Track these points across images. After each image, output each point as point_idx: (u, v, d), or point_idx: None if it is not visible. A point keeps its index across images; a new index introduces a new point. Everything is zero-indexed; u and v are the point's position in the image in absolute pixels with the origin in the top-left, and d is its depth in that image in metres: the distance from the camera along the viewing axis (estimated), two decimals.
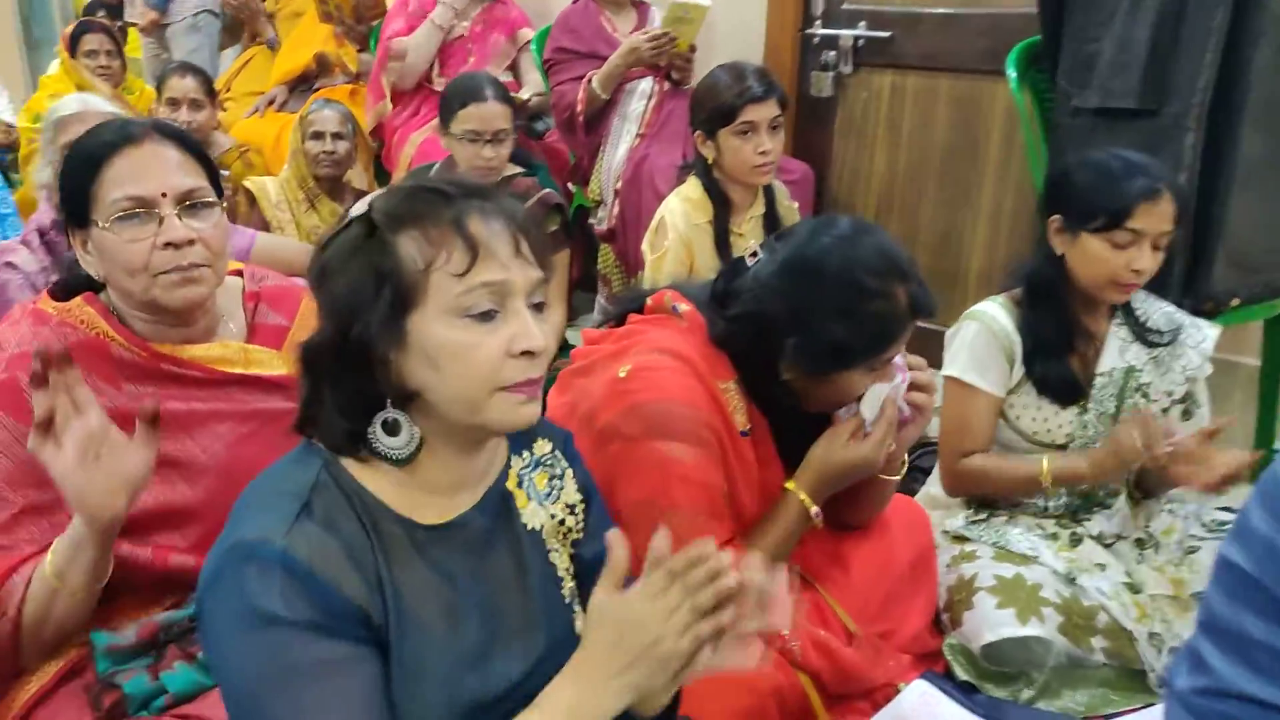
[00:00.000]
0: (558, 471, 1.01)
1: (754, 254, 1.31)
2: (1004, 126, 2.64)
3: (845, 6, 2.87)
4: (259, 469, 0.89)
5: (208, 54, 3.92)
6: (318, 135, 2.74)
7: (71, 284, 1.23)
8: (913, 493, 1.79)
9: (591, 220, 2.94)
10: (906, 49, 2.79)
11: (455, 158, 2.42)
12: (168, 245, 1.15)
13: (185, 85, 2.99)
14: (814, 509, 1.32)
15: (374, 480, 0.87)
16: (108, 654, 1.12)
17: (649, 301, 1.41)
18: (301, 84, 3.57)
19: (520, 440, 0.99)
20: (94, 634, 1.13)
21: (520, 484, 0.97)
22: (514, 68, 3.30)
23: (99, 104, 1.90)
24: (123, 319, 1.21)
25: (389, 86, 3.22)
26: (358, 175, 2.95)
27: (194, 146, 1.22)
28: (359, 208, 0.85)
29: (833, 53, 2.88)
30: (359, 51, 3.60)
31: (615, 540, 0.85)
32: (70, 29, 3.64)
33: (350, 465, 0.87)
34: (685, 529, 1.11)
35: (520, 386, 0.84)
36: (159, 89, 3.11)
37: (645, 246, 2.25)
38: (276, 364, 1.28)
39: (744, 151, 2.07)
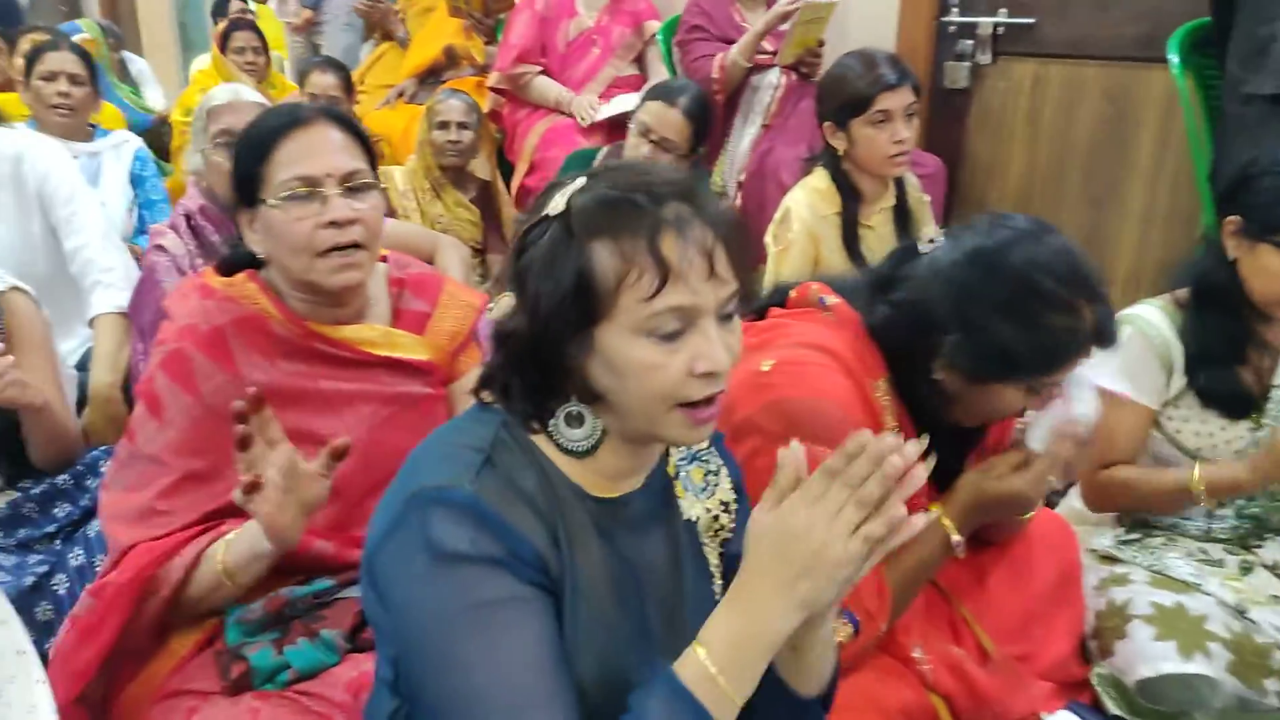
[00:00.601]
0: (713, 467, 1.00)
1: (931, 240, 1.22)
2: (1159, 119, 2.47)
3: None
4: (397, 452, 0.91)
5: (358, 51, 4.07)
6: (444, 125, 2.79)
7: (236, 260, 1.29)
8: (1053, 505, 1.68)
9: None
10: (1051, 36, 2.64)
11: (628, 140, 2.43)
12: (331, 224, 1.19)
13: (325, 80, 3.11)
14: (956, 538, 1.23)
15: (548, 447, 0.88)
16: (238, 624, 1.16)
17: (792, 294, 1.34)
18: (430, 76, 3.65)
19: None
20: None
21: (677, 475, 0.97)
22: (640, 60, 3.28)
23: (248, 94, 1.97)
24: (281, 296, 1.26)
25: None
26: (481, 164, 2.99)
27: (357, 130, 1.27)
28: (558, 203, 0.83)
29: (970, 42, 2.75)
30: (486, 44, 3.65)
31: (786, 458, 0.81)
32: (222, 27, 3.83)
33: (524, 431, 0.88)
34: None
35: (699, 406, 0.83)
36: (300, 83, 3.23)
37: (768, 239, 2.19)
38: (418, 349, 1.32)
39: (878, 141, 1.99)
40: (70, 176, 2.12)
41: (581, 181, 0.84)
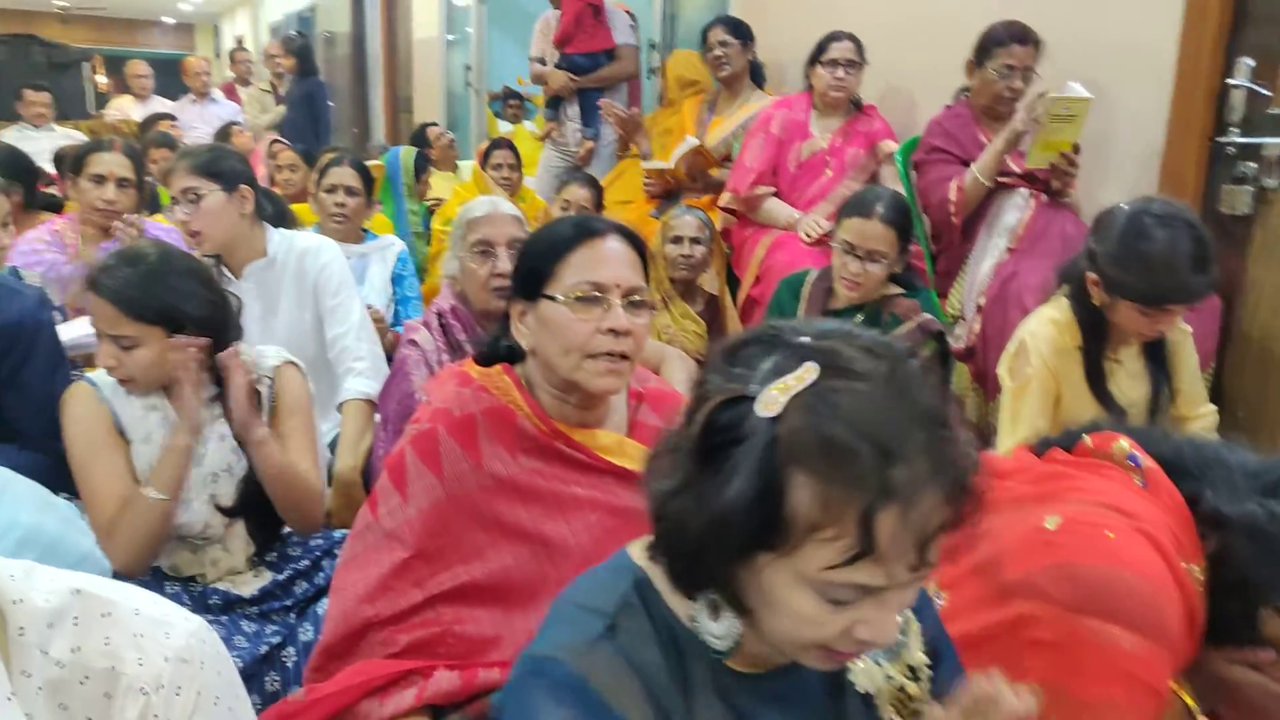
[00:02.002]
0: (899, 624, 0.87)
1: None
2: None
3: (1271, 111, 2.50)
4: None
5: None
6: (677, 239, 2.87)
7: (495, 353, 1.35)
8: None
9: (948, 337, 2.77)
10: None
11: (833, 263, 2.41)
12: (610, 330, 1.23)
13: (580, 193, 3.34)
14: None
15: (689, 610, 0.80)
16: None
17: (1087, 440, 1.17)
18: (671, 196, 3.80)
19: None
20: None
21: None
22: (873, 180, 3.25)
23: (505, 207, 2.11)
24: (533, 391, 1.30)
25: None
26: (710, 279, 3.03)
27: (640, 248, 1.32)
28: (775, 400, 0.69)
29: (1253, 164, 2.51)
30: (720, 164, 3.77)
31: (980, 682, 0.72)
32: (485, 145, 4.21)
33: (664, 591, 0.81)
34: None
35: (842, 657, 0.75)
36: (557, 192, 3.48)
37: (1002, 371, 2.04)
38: None
39: (1141, 324, 1.83)
40: (340, 273, 2.34)
41: (812, 377, 0.69)
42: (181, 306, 1.60)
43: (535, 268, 1.27)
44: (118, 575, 1.42)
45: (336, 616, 1.27)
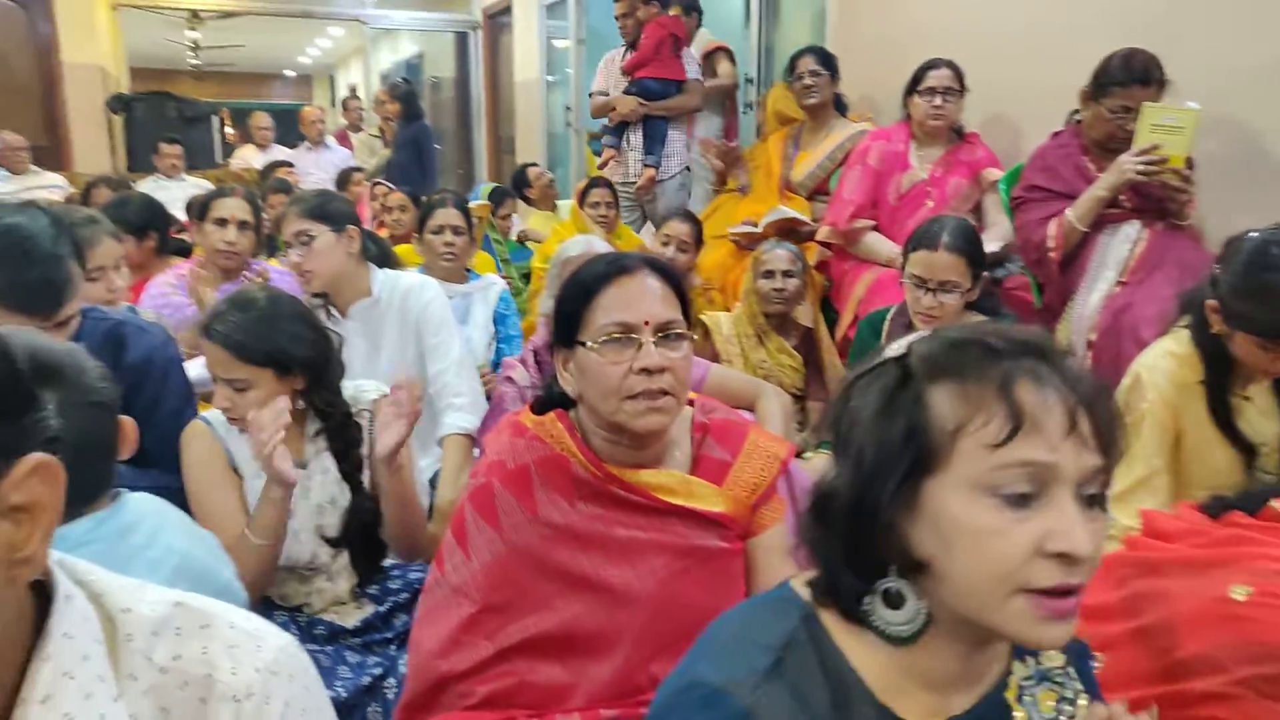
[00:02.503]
0: (1069, 694, 0.82)
1: None
2: None
3: None
4: (690, 608, 0.87)
5: (688, 207, 4.37)
6: (769, 274, 2.85)
7: (549, 400, 1.35)
8: None
9: None
10: None
11: (907, 299, 2.35)
12: (643, 370, 1.21)
13: (681, 228, 3.37)
14: None
15: (859, 650, 0.76)
16: None
17: (1276, 505, 1.10)
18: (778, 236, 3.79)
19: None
20: None
21: (1020, 697, 0.80)
22: (977, 209, 3.17)
23: (600, 245, 2.15)
24: (586, 436, 1.29)
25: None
26: (805, 311, 3.00)
27: (676, 281, 1.30)
28: (896, 348, 0.77)
29: None
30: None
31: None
32: (583, 184, 4.29)
33: (833, 625, 0.78)
34: None
35: (1050, 596, 0.68)
36: (658, 226, 3.53)
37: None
38: (715, 500, 1.28)
39: (1263, 360, 1.71)
40: (441, 311, 2.41)
41: (924, 331, 0.77)
42: (289, 349, 1.67)
43: (568, 313, 1.27)
44: None
45: (414, 672, 1.28)
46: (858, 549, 0.75)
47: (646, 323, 1.22)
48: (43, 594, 0.63)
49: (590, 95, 4.73)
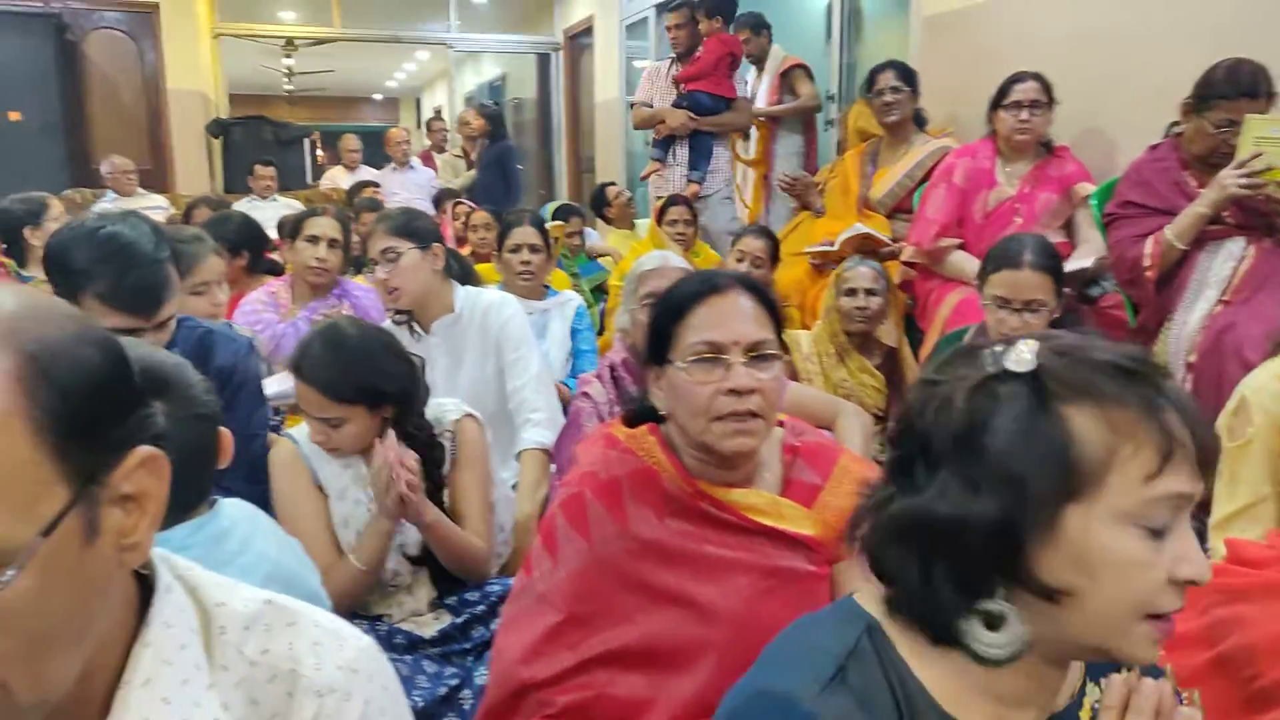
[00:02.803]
0: None
1: None
2: None
3: None
4: (775, 629, 0.85)
5: (738, 225, 4.35)
6: (851, 291, 2.81)
7: (642, 413, 1.35)
8: None
9: None
10: None
11: (988, 321, 2.29)
12: (731, 391, 1.20)
13: (755, 244, 3.36)
14: None
15: (924, 664, 0.75)
16: None
17: None
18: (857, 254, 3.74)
19: (1102, 665, 0.81)
20: None
21: (1095, 719, 0.79)
22: (1068, 226, 3.07)
23: (675, 260, 2.15)
24: (677, 453, 1.28)
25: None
26: (888, 331, 2.95)
27: (769, 300, 1.29)
28: (1018, 361, 0.72)
29: None
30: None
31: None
32: (661, 202, 4.30)
33: (898, 638, 0.77)
34: None
35: (1166, 620, 0.70)
36: (733, 244, 3.52)
37: (1221, 429, 1.85)
38: (805, 522, 1.26)
39: None
40: (521, 327, 2.44)
41: (1033, 343, 0.73)
42: (380, 385, 1.70)
43: (659, 331, 1.27)
44: None
45: (496, 678, 1.29)
46: (965, 571, 0.72)
47: (736, 343, 1.22)
48: (145, 585, 0.67)
49: (632, 105, 4.72)
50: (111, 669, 0.63)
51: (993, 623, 0.72)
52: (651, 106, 4.57)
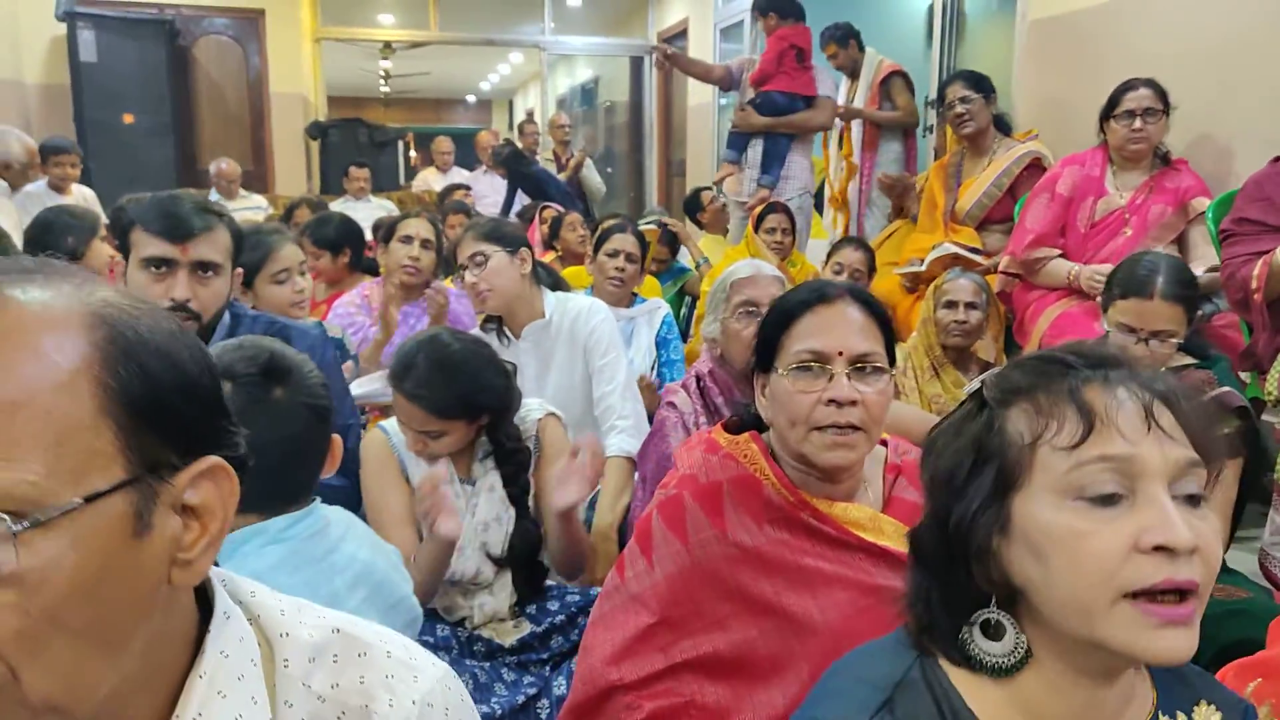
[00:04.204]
0: None
1: None
2: None
3: None
4: None
5: (807, 233, 4.24)
6: (951, 304, 2.71)
7: (745, 421, 1.33)
8: None
9: (1270, 419, 2.39)
10: None
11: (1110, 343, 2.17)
12: (831, 401, 1.18)
13: (853, 256, 3.31)
14: None
15: (974, 689, 0.75)
16: None
17: None
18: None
19: (1176, 695, 0.77)
20: None
21: None
22: (1181, 240, 2.92)
23: (767, 269, 2.11)
24: (779, 462, 1.27)
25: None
26: (985, 346, 2.84)
27: (879, 313, 1.26)
28: (974, 384, 0.79)
29: None
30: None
31: None
32: (758, 211, 4.23)
33: (949, 665, 0.76)
34: None
35: (1161, 603, 0.65)
36: (829, 256, 3.47)
37: None
38: (905, 541, 1.23)
39: None
40: (610, 334, 2.43)
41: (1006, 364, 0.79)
42: (480, 400, 1.73)
43: (767, 338, 1.26)
44: None
45: (584, 675, 1.28)
46: (954, 583, 0.75)
47: (840, 353, 1.20)
48: (206, 611, 0.64)
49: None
50: (164, 700, 0.60)
51: (991, 632, 0.74)
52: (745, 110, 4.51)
